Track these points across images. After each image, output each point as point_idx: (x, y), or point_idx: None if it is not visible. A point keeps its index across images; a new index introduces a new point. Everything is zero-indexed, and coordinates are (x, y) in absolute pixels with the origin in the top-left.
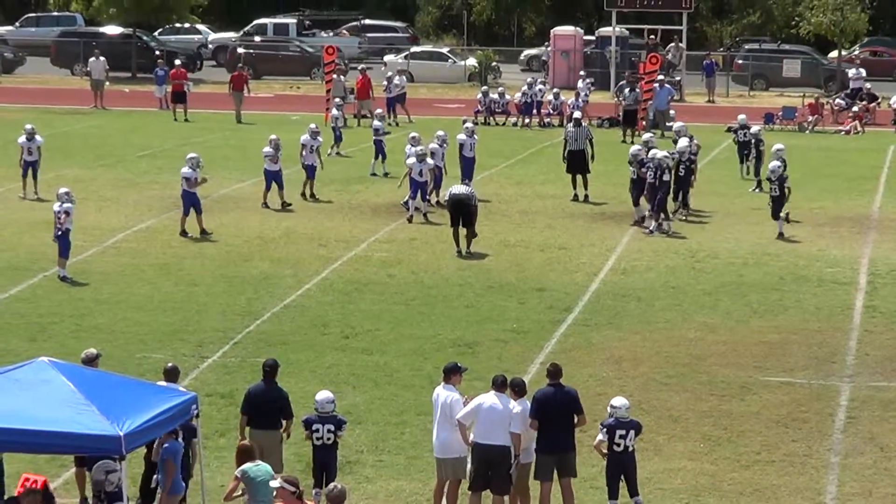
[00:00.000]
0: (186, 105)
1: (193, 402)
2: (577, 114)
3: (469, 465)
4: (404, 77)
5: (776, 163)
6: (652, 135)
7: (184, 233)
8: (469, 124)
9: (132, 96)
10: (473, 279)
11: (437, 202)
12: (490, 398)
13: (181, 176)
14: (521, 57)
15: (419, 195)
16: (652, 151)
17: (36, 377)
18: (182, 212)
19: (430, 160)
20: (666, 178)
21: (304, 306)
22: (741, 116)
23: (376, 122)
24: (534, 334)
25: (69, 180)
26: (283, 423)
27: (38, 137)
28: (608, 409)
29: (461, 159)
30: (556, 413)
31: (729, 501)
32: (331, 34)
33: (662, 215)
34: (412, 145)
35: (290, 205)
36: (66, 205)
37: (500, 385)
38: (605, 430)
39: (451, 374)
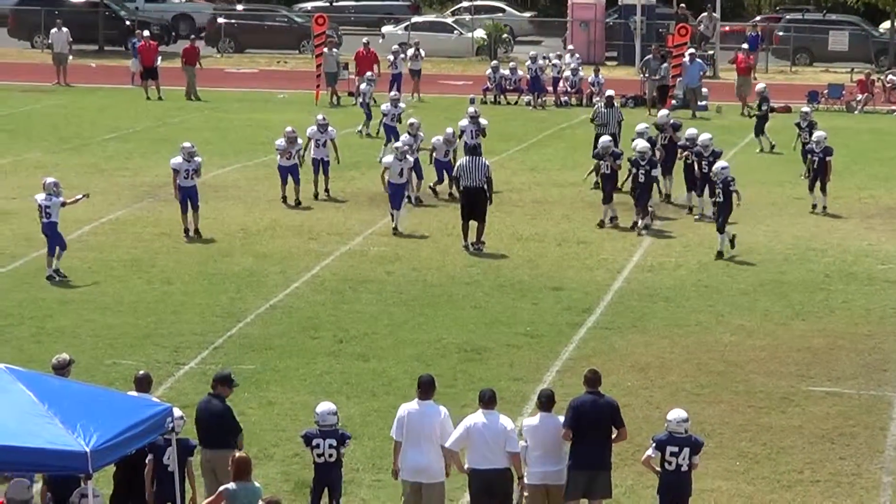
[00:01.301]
0: (158, 81)
1: (168, 413)
2: (609, 92)
3: (467, 494)
4: (422, 50)
5: (721, 163)
6: (647, 126)
7: (186, 231)
8: (472, 108)
9: (99, 71)
10: (482, 277)
11: (450, 194)
12: (478, 417)
13: (171, 167)
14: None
15: (411, 196)
16: (638, 143)
17: None
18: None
19: (409, 157)
20: (654, 172)
21: (293, 307)
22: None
23: (385, 106)
24: (549, 339)
25: (29, 165)
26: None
27: None
28: (665, 422)
29: (435, 162)
30: (593, 425)
31: None
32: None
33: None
34: (410, 134)
35: (300, 203)
36: (54, 198)
37: (487, 401)
38: (655, 445)
39: (431, 387)
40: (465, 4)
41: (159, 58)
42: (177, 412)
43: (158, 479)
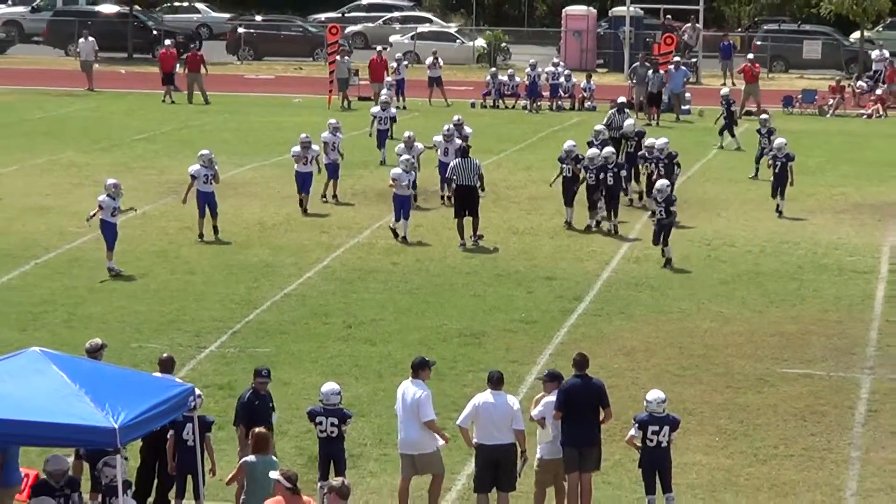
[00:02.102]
0: (171, 88)
1: (190, 393)
2: (621, 98)
3: (473, 466)
4: (440, 59)
5: (663, 181)
6: (604, 127)
7: (201, 235)
8: (447, 126)
9: (128, 77)
10: (480, 267)
11: (446, 196)
12: (486, 397)
13: (189, 174)
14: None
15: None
16: (593, 151)
17: (27, 368)
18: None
19: (414, 172)
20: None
21: (306, 295)
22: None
23: (375, 109)
24: (543, 325)
25: (63, 165)
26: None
27: None
28: (644, 402)
29: (440, 165)
30: (582, 405)
31: (746, 497)
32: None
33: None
34: (406, 147)
35: (307, 210)
36: (108, 199)
37: (496, 382)
38: (637, 424)
39: (420, 368)
40: (395, 15)
41: (177, 65)
42: (196, 391)
43: (179, 452)
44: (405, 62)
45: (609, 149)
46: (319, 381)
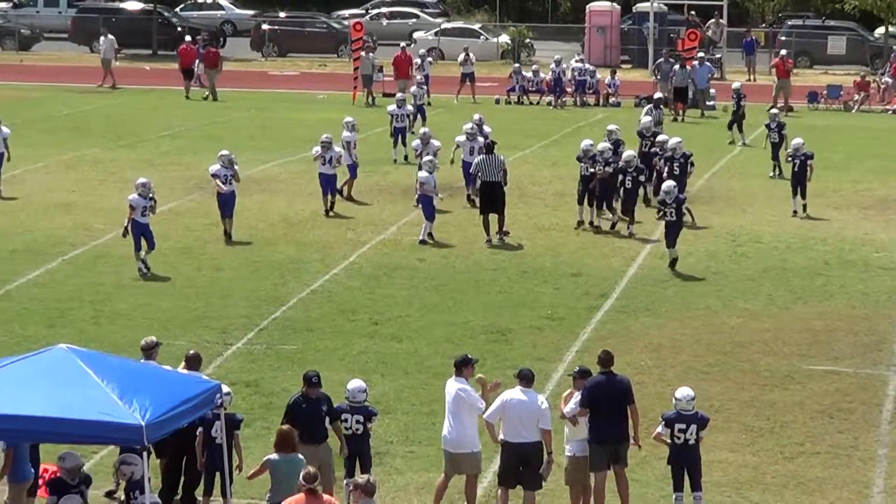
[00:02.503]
0: (190, 83)
1: (217, 390)
2: (657, 94)
3: (498, 462)
4: (472, 55)
5: (670, 183)
6: (617, 126)
7: (228, 236)
8: (469, 124)
9: (152, 74)
10: (507, 264)
11: (468, 195)
12: (516, 394)
13: (210, 173)
14: None
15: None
16: (604, 144)
17: (54, 365)
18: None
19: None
20: (641, 179)
21: (332, 292)
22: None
23: (391, 108)
24: (569, 321)
25: (89, 161)
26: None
27: (4, 128)
28: (672, 400)
29: (463, 164)
30: (608, 402)
31: (772, 494)
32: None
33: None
34: (422, 143)
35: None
36: (139, 199)
37: (527, 380)
38: (664, 422)
39: (463, 366)
40: (384, 11)
41: (197, 61)
42: (224, 388)
43: (207, 449)
44: (429, 59)
45: (630, 152)
46: (345, 378)
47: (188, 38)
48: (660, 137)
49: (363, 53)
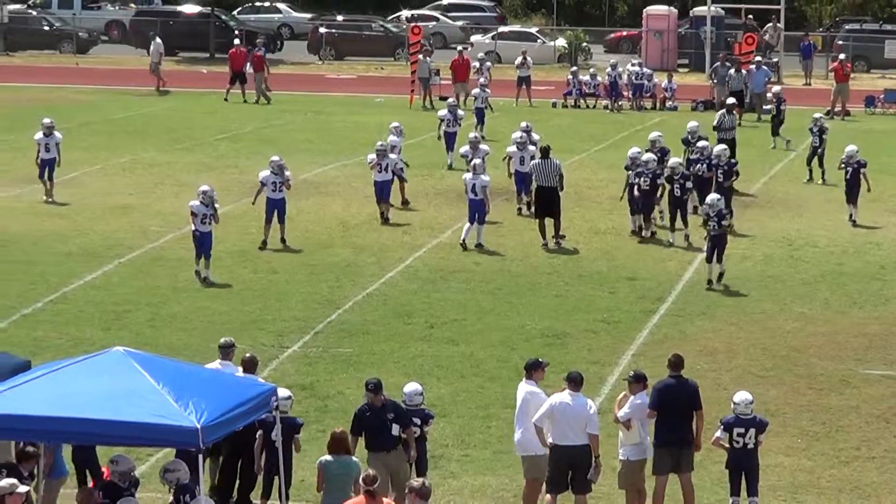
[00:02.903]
0: (245, 86)
1: (273, 393)
2: (731, 100)
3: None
4: (530, 58)
5: (714, 196)
6: (659, 134)
7: (264, 243)
8: (518, 133)
9: (210, 77)
10: (562, 267)
11: (528, 202)
12: (564, 397)
13: (259, 180)
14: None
15: (478, 217)
16: (648, 156)
17: (111, 367)
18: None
19: (484, 177)
20: (688, 185)
21: (388, 295)
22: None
23: (443, 112)
24: (625, 325)
25: (146, 164)
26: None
27: (56, 133)
28: (731, 404)
29: (515, 174)
30: (676, 405)
31: (827, 499)
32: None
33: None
34: (472, 149)
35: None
36: (200, 206)
37: (575, 383)
38: (723, 427)
39: (534, 369)
40: (405, 13)
41: (247, 64)
42: (284, 392)
43: (266, 451)
44: (488, 63)
45: (675, 159)
46: (402, 381)
47: (237, 41)
48: (700, 143)
49: (420, 57)
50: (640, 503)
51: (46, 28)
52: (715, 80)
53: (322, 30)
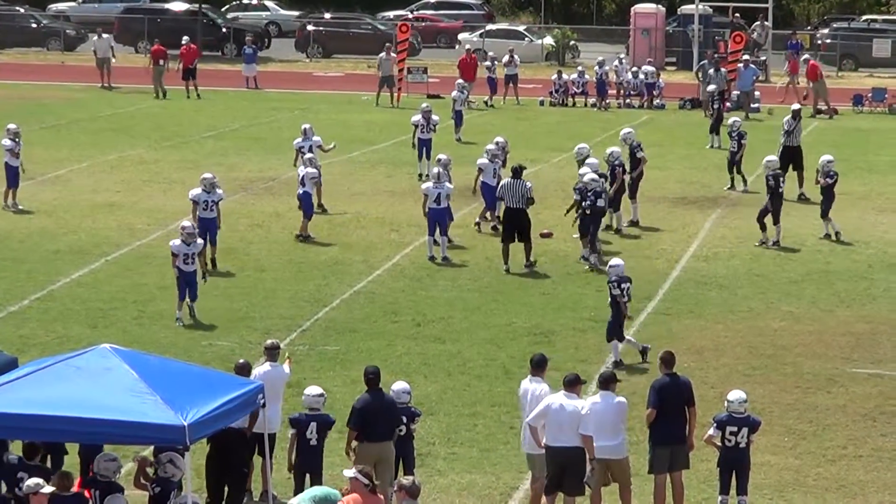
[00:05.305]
0: (196, 81)
1: (259, 391)
2: (795, 105)
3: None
4: (517, 57)
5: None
6: (631, 130)
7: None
8: (491, 146)
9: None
10: (550, 266)
11: (494, 226)
12: (559, 398)
13: (190, 199)
14: None
15: (440, 227)
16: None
17: (98, 364)
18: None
19: (448, 184)
20: (599, 203)
21: (375, 293)
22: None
23: (415, 117)
24: None
25: (133, 161)
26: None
27: (20, 142)
28: (724, 402)
29: (482, 186)
30: (673, 403)
31: (814, 497)
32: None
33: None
34: (439, 166)
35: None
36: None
37: (571, 384)
38: (715, 424)
39: (539, 366)
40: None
41: (196, 60)
42: (316, 390)
43: (300, 451)
44: (496, 61)
45: (591, 174)
46: (389, 379)
47: (185, 38)
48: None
49: (382, 55)
50: (626, 499)
51: (34, 25)
52: (702, 78)
53: (310, 27)
